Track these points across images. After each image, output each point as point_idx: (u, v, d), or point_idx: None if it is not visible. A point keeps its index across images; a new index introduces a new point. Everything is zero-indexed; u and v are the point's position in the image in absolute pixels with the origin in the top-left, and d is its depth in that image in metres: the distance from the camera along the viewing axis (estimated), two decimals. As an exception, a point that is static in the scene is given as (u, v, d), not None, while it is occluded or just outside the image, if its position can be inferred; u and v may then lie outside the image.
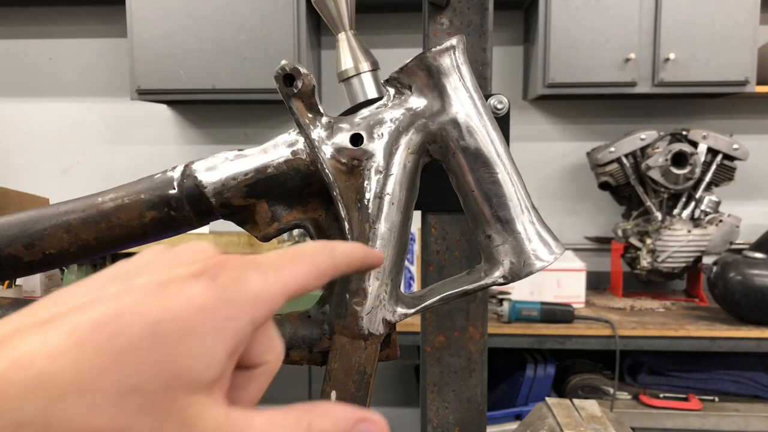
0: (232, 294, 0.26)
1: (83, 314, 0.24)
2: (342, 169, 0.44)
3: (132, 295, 0.25)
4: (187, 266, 0.26)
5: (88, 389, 0.23)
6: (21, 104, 2.90)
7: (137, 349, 0.24)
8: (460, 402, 0.71)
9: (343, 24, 0.52)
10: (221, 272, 0.26)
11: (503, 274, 0.44)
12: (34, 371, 0.23)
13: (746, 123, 2.72)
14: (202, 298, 0.25)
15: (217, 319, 0.25)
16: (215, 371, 0.25)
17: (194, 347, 0.24)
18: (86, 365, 0.23)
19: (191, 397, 0.25)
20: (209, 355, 0.25)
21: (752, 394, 2.24)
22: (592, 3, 2.33)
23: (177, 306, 0.25)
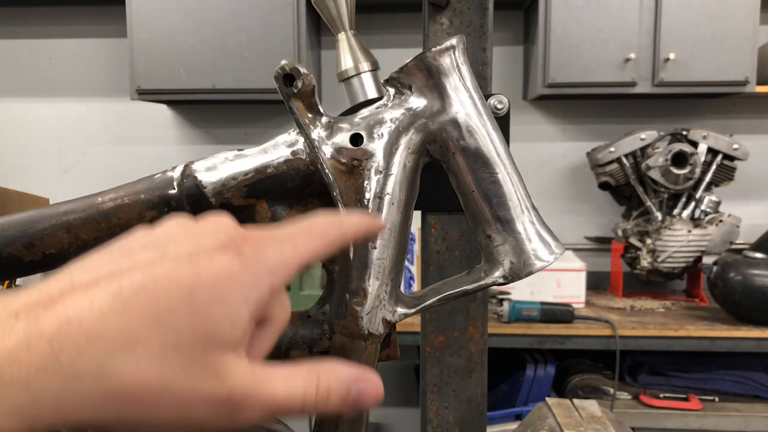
0: (255, 265, 0.30)
1: (124, 280, 0.27)
2: (342, 169, 0.43)
3: (167, 264, 0.28)
4: (213, 238, 0.30)
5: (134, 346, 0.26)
6: (21, 104, 2.90)
7: (175, 313, 0.27)
8: (460, 402, 0.71)
9: (343, 24, 0.52)
10: (244, 245, 0.30)
11: (503, 274, 0.44)
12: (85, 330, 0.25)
13: (746, 123, 2.72)
14: (230, 268, 0.29)
15: (243, 288, 0.29)
16: (241, 333, 0.29)
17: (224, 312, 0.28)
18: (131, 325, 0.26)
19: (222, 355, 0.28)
20: (236, 318, 0.28)
21: (752, 394, 2.24)
22: (592, 3, 2.33)
23: (208, 275, 0.28)
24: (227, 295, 0.28)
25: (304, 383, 0.31)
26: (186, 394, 0.27)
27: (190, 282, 0.27)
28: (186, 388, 0.27)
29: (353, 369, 0.33)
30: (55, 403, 0.25)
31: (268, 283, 0.30)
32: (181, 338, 0.27)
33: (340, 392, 0.32)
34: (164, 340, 0.27)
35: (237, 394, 0.29)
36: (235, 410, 0.29)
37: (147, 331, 0.26)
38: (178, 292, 0.27)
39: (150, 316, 0.26)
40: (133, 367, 0.26)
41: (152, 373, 0.26)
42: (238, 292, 0.29)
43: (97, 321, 0.26)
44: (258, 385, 0.29)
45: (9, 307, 0.26)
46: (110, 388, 0.26)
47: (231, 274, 0.29)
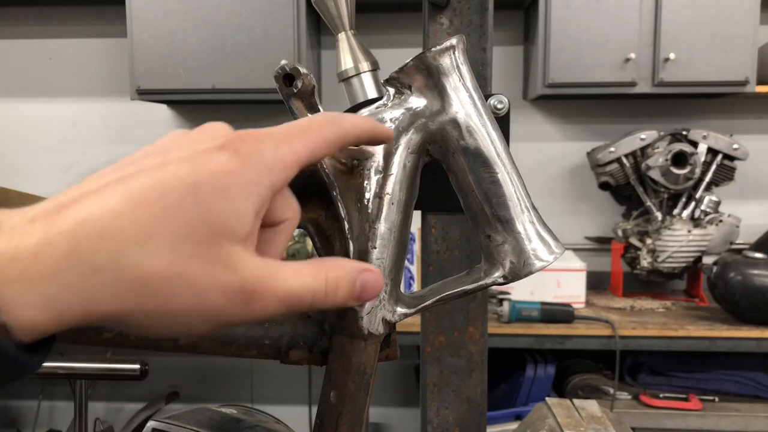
0: (253, 162, 0.31)
1: (132, 181, 0.28)
2: (342, 169, 0.43)
3: (170, 165, 0.29)
4: (211, 141, 0.31)
5: (147, 239, 0.27)
6: (21, 104, 2.90)
7: (183, 207, 0.28)
8: (460, 402, 0.71)
9: (343, 24, 0.52)
10: (241, 144, 0.31)
11: (503, 274, 0.44)
12: (99, 226, 0.27)
13: (746, 123, 2.72)
14: (229, 165, 0.30)
15: (243, 183, 0.30)
16: (248, 227, 0.30)
17: (229, 206, 0.29)
18: (143, 221, 0.27)
19: (232, 247, 0.29)
20: (241, 213, 0.30)
21: (752, 394, 2.24)
22: (592, 3, 2.33)
23: (210, 172, 0.29)
24: (230, 191, 0.29)
25: (314, 277, 0.32)
26: (200, 283, 0.29)
27: (194, 179, 0.29)
28: (200, 277, 0.29)
29: (357, 263, 0.35)
30: (79, 295, 0.27)
31: (267, 180, 0.31)
32: (191, 231, 0.28)
33: (347, 285, 0.33)
34: (175, 233, 0.28)
35: (250, 285, 0.30)
36: (248, 300, 0.30)
37: (158, 225, 0.28)
38: (184, 189, 0.28)
39: (159, 212, 0.28)
40: (147, 259, 0.27)
41: (166, 263, 0.28)
42: (240, 188, 0.30)
43: (110, 219, 0.27)
44: (270, 278, 0.31)
45: (25, 214, 0.27)
46: (128, 278, 0.27)
47: (231, 171, 0.30)
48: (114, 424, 2.70)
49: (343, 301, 0.34)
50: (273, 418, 0.64)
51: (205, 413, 0.59)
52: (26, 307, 0.26)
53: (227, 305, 0.30)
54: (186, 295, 0.29)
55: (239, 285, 0.30)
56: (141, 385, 2.74)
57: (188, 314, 0.29)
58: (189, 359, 2.88)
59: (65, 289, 0.27)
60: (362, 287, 0.34)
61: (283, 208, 0.34)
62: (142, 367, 1.34)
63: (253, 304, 0.30)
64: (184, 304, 0.29)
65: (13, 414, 2.95)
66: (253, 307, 0.30)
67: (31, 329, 0.27)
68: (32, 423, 2.81)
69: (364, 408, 0.45)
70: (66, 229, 0.27)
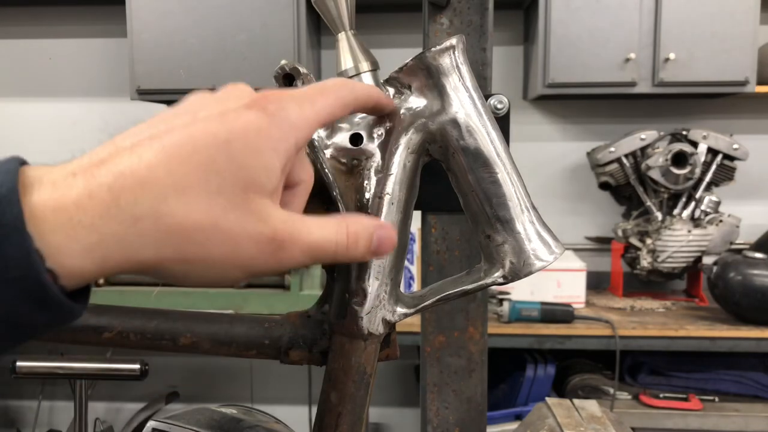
0: (280, 120, 0.32)
1: (165, 137, 0.30)
2: (342, 168, 0.43)
3: (201, 123, 0.30)
4: (237, 99, 0.32)
5: (184, 191, 0.29)
6: (21, 104, 2.90)
7: (215, 162, 0.30)
8: (460, 402, 0.71)
9: (343, 24, 0.52)
10: (267, 104, 0.32)
11: (503, 274, 0.44)
12: (138, 178, 0.28)
13: (746, 123, 2.72)
14: (258, 122, 0.31)
15: (272, 140, 0.31)
16: (275, 181, 0.32)
17: (258, 161, 0.31)
18: (179, 173, 0.29)
19: (262, 200, 0.31)
20: (270, 168, 0.31)
21: (752, 394, 2.24)
22: (592, 3, 2.33)
23: (239, 128, 0.31)
24: (259, 146, 0.31)
25: (336, 230, 0.34)
26: (235, 232, 0.30)
27: (225, 135, 0.30)
28: (234, 227, 0.30)
29: (374, 219, 0.37)
30: (120, 243, 0.28)
31: (293, 137, 0.33)
32: (224, 183, 0.30)
33: (366, 239, 0.35)
34: (209, 186, 0.29)
35: (279, 235, 0.32)
36: (278, 250, 0.32)
37: (193, 177, 0.29)
38: (215, 144, 0.30)
39: (193, 165, 0.29)
40: (184, 208, 0.29)
41: (202, 213, 0.29)
42: (268, 144, 0.31)
43: (147, 171, 0.29)
44: (297, 229, 0.32)
45: (65, 169, 0.29)
46: (167, 227, 0.29)
47: (259, 128, 0.31)
48: (114, 424, 2.70)
49: (361, 255, 0.35)
50: (273, 418, 0.64)
51: (205, 413, 0.59)
52: (71, 255, 0.28)
53: (258, 254, 0.31)
54: (221, 244, 0.30)
55: (270, 235, 0.31)
56: (141, 385, 2.74)
57: (222, 263, 0.31)
58: (189, 359, 2.87)
59: (107, 238, 0.28)
60: (378, 242, 0.36)
61: (300, 171, 0.36)
62: (142, 367, 1.34)
63: (281, 253, 0.32)
64: (219, 253, 0.30)
65: (13, 414, 2.95)
66: (281, 257, 0.32)
67: (76, 276, 0.28)
68: (32, 423, 2.81)
69: (364, 408, 0.45)
70: (106, 181, 0.28)
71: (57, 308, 0.28)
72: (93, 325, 0.45)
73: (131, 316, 0.46)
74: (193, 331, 0.46)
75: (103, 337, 0.45)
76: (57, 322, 0.29)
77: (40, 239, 0.27)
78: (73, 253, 0.28)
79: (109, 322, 0.45)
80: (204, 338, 0.46)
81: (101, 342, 0.45)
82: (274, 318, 0.47)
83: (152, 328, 0.45)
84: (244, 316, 0.48)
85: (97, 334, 0.45)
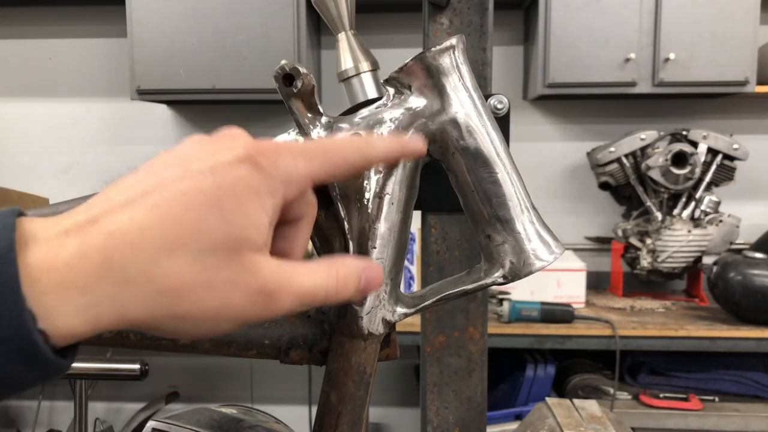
0: (270, 176, 0.32)
1: (156, 195, 0.30)
2: (342, 169, 0.43)
3: (192, 179, 0.31)
4: (230, 152, 0.32)
5: (175, 252, 0.29)
6: (21, 104, 2.90)
7: (207, 221, 0.30)
8: (460, 402, 0.71)
9: (343, 24, 0.52)
10: (260, 156, 0.32)
11: (503, 274, 0.44)
12: (129, 240, 0.29)
13: (746, 123, 2.72)
14: (249, 179, 0.31)
15: (260, 196, 0.32)
16: (264, 236, 0.32)
17: (249, 219, 0.31)
18: (170, 234, 0.29)
19: (252, 255, 0.32)
20: (258, 224, 0.32)
21: (752, 394, 2.24)
22: (592, 3, 2.33)
23: (230, 186, 0.31)
24: (249, 203, 0.31)
25: (326, 275, 0.35)
26: (225, 289, 0.31)
27: (215, 192, 0.30)
28: (225, 284, 0.31)
29: (361, 260, 0.37)
30: (112, 304, 0.29)
31: (281, 193, 0.33)
32: (215, 242, 0.30)
33: (355, 281, 0.36)
34: (200, 245, 0.30)
35: (270, 287, 0.32)
36: (269, 300, 0.32)
37: (184, 238, 0.30)
38: (206, 202, 0.30)
39: (185, 225, 0.30)
40: (176, 269, 0.30)
41: (194, 272, 0.30)
42: (257, 201, 0.32)
43: (138, 232, 0.29)
44: (287, 278, 0.33)
45: (58, 226, 0.29)
46: (158, 288, 0.29)
47: (250, 186, 0.31)
48: (114, 424, 2.70)
49: (350, 296, 0.36)
50: (273, 418, 0.64)
51: (205, 413, 0.59)
52: (63, 316, 0.28)
53: (250, 306, 0.32)
54: (212, 300, 0.31)
55: (260, 287, 0.32)
56: (141, 385, 2.74)
57: (214, 317, 0.31)
58: (189, 359, 2.87)
59: (99, 299, 0.29)
60: (366, 282, 0.36)
61: (302, 205, 0.37)
62: (142, 367, 1.34)
63: (272, 303, 0.32)
64: (210, 309, 0.31)
65: (13, 414, 2.95)
66: (272, 307, 0.33)
67: (67, 336, 0.29)
68: (32, 423, 2.81)
69: (364, 408, 0.45)
70: (98, 242, 0.29)
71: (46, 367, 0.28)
72: None
73: (131, 316, 0.46)
74: (193, 331, 0.46)
75: (103, 337, 0.45)
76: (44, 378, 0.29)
77: (33, 300, 0.27)
78: (65, 314, 0.28)
79: (109, 322, 0.45)
80: (204, 338, 0.46)
81: (101, 342, 0.45)
82: (274, 318, 0.47)
83: (152, 328, 0.45)
84: (244, 316, 0.48)
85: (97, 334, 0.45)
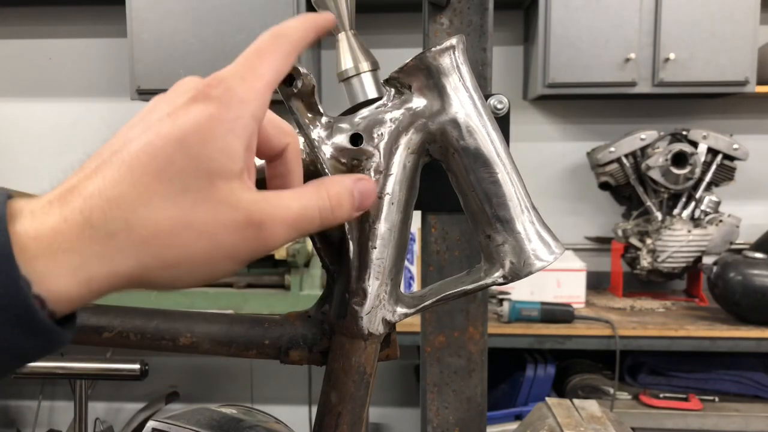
0: (227, 101, 0.32)
1: (123, 152, 0.30)
2: (342, 169, 0.43)
3: (153, 128, 0.31)
4: (183, 95, 0.32)
5: (150, 199, 0.30)
6: (21, 104, 2.90)
7: (174, 162, 0.30)
8: (460, 402, 0.71)
9: (343, 24, 0.52)
10: (211, 90, 0.32)
11: (503, 274, 0.44)
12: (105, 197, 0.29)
13: (746, 123, 2.72)
14: (207, 110, 0.31)
15: (225, 122, 0.31)
16: (240, 162, 0.32)
17: (217, 147, 0.31)
18: (142, 183, 0.30)
19: (229, 185, 0.31)
20: (230, 150, 0.31)
21: (752, 394, 2.24)
22: (592, 3, 2.33)
23: (190, 123, 0.31)
24: (214, 134, 0.31)
25: (316, 196, 0.34)
26: (209, 226, 0.31)
27: (177, 133, 0.30)
28: (207, 220, 0.31)
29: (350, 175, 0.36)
30: (101, 261, 0.29)
31: (248, 111, 0.32)
32: (187, 181, 0.30)
33: (348, 197, 0.35)
34: (173, 187, 0.30)
35: (256, 216, 0.32)
36: (259, 231, 0.32)
37: (156, 184, 0.30)
38: (171, 144, 0.30)
39: (154, 172, 0.30)
40: (154, 215, 0.30)
41: (172, 215, 0.30)
42: (223, 128, 0.31)
43: (112, 187, 0.29)
44: (273, 206, 0.32)
45: (43, 199, 0.30)
46: (142, 237, 0.30)
47: (210, 116, 0.31)
48: (114, 424, 2.70)
49: (348, 214, 0.36)
50: (273, 418, 0.64)
51: (205, 413, 0.59)
52: (56, 280, 0.28)
53: (240, 241, 0.31)
54: (199, 240, 0.31)
55: (246, 219, 0.31)
56: (141, 385, 2.74)
57: (207, 259, 0.31)
58: (189, 359, 2.87)
59: (87, 258, 0.29)
60: (360, 196, 0.36)
61: (279, 135, 0.36)
62: (142, 367, 1.34)
63: (264, 233, 0.32)
64: (200, 249, 0.31)
65: (13, 414, 2.95)
66: (265, 237, 0.32)
67: (63, 300, 0.29)
68: (32, 423, 2.81)
69: (364, 408, 0.45)
70: (77, 205, 0.29)
71: (45, 334, 0.28)
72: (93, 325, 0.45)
73: (131, 316, 0.46)
74: (193, 331, 0.46)
75: (103, 337, 0.45)
76: (46, 348, 0.29)
77: (25, 267, 0.28)
78: (57, 278, 0.28)
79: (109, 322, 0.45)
80: (204, 338, 0.46)
81: (101, 342, 0.45)
82: (274, 318, 0.47)
83: (152, 328, 0.45)
84: (244, 316, 0.48)
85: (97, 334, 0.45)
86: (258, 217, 0.32)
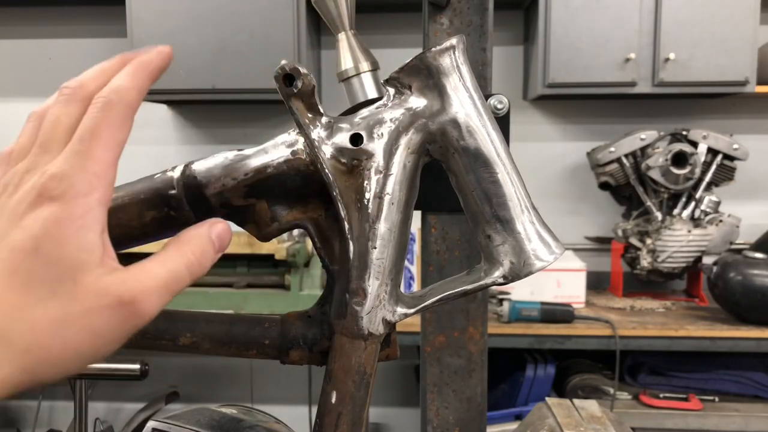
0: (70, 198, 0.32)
1: None
2: (342, 169, 0.43)
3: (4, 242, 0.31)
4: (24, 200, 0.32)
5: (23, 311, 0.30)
6: (21, 104, 2.90)
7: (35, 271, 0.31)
8: (460, 402, 0.71)
9: (343, 24, 0.52)
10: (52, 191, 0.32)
11: (503, 274, 0.44)
12: None
13: (746, 123, 2.72)
14: (53, 214, 0.31)
15: (75, 220, 0.32)
16: (98, 251, 0.32)
17: (73, 246, 0.31)
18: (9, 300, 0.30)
19: (93, 274, 0.31)
20: (86, 244, 0.32)
21: (752, 394, 2.24)
22: (592, 3, 2.33)
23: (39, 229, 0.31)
24: (66, 234, 0.31)
25: (179, 255, 0.35)
26: (84, 318, 0.31)
27: (31, 245, 0.31)
28: (80, 314, 0.31)
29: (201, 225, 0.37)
30: None
31: (94, 202, 0.32)
32: (52, 286, 0.31)
33: (208, 245, 0.36)
34: (40, 295, 0.30)
35: (126, 296, 0.32)
36: (133, 307, 0.32)
37: (23, 296, 0.30)
38: (28, 257, 0.31)
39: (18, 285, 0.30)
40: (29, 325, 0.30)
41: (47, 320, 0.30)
42: (74, 226, 0.31)
43: None
44: (139, 280, 0.33)
45: None
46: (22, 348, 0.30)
47: (57, 219, 0.31)
48: (114, 424, 2.70)
49: (212, 259, 0.36)
50: (273, 418, 0.64)
51: (205, 413, 0.59)
52: None
53: (118, 322, 0.32)
54: (79, 334, 0.31)
55: (117, 301, 0.32)
56: (141, 385, 2.74)
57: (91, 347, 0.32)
58: (189, 359, 2.87)
59: None
60: (219, 239, 0.37)
61: None
62: (142, 367, 1.34)
63: (139, 308, 0.32)
64: (82, 342, 0.31)
65: (13, 414, 2.95)
66: (141, 311, 0.32)
67: None
68: (32, 423, 2.81)
69: (364, 408, 0.45)
70: None
71: None
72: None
73: (131, 316, 0.46)
74: (193, 331, 0.46)
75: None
76: None
77: None
78: None
79: (109, 322, 0.45)
80: (204, 338, 0.46)
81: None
82: (274, 318, 0.47)
83: (152, 328, 0.45)
84: (244, 316, 0.48)
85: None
86: (128, 295, 0.32)
